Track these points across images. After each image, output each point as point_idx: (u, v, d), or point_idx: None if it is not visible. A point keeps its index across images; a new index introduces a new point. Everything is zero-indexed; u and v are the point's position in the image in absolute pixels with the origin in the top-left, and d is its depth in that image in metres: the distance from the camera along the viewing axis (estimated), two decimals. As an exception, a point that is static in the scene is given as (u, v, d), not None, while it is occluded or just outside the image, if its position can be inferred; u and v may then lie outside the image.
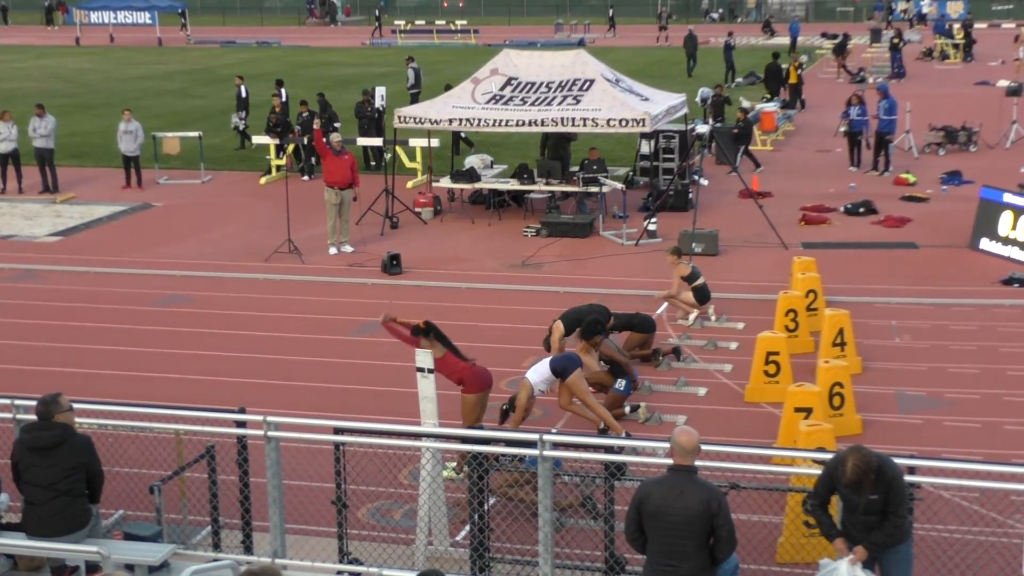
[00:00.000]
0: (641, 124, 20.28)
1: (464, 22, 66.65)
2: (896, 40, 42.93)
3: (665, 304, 15.67)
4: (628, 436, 10.94)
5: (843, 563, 7.44)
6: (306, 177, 25.51)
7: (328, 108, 26.80)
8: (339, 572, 8.68)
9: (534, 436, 8.22)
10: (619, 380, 12.29)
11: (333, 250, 19.44)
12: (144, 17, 72.79)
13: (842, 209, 21.48)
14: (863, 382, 13.00)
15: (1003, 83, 36.31)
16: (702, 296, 15.37)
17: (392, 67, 49.45)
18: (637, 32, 67.08)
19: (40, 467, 8.31)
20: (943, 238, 19.44)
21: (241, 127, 28.82)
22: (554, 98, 21.17)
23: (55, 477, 8.29)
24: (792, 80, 34.28)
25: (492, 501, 9.06)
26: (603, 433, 11.37)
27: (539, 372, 11.55)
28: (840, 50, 43.70)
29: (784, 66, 34.56)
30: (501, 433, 9.24)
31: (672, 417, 12.29)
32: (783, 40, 53.31)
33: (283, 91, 27.65)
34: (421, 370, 8.94)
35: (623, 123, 20.29)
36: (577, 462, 9.47)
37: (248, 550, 8.98)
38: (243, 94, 29.36)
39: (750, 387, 12.89)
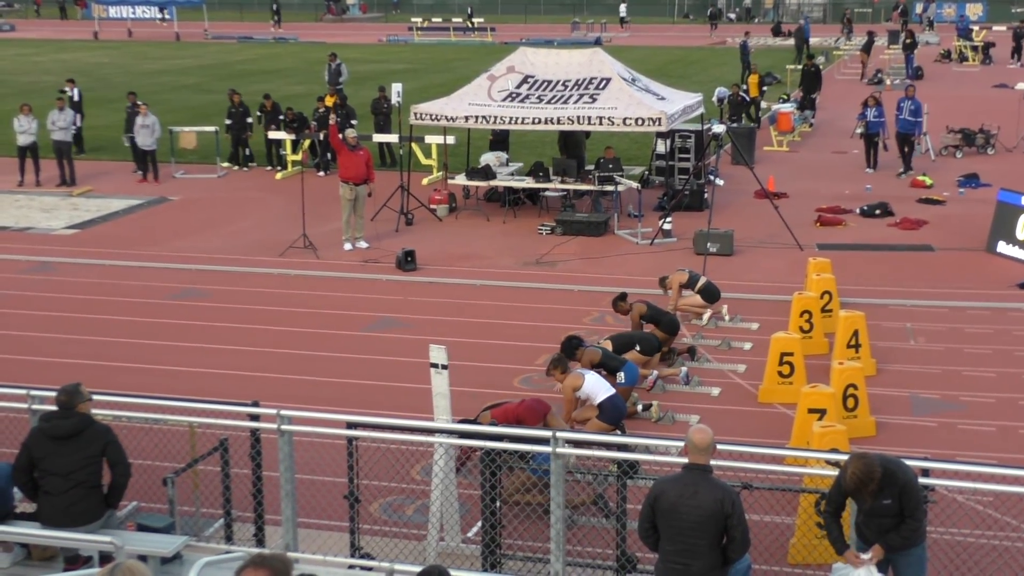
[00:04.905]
0: (657, 123, 20.25)
1: (481, 20, 66.65)
2: (908, 41, 42.83)
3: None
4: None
5: (860, 572, 7.43)
6: (321, 173, 25.55)
7: (346, 104, 26.85)
8: (351, 566, 8.68)
9: (547, 433, 8.22)
10: (618, 374, 12.29)
11: (348, 246, 19.47)
12: (162, 12, 73.05)
13: (858, 211, 21.41)
14: (877, 384, 12.96)
15: (1021, 86, 36.08)
16: (710, 295, 15.35)
17: (409, 64, 49.52)
18: (652, 31, 67.01)
19: (59, 455, 8.34)
20: (959, 241, 19.36)
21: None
22: (570, 96, 21.15)
23: (73, 466, 8.32)
24: (753, 93, 31.20)
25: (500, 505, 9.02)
26: None
27: (595, 387, 11.49)
28: (867, 48, 43.65)
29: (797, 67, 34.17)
30: (515, 430, 9.23)
31: (685, 417, 12.27)
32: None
33: (75, 90, 27.79)
34: (435, 366, 8.92)
35: (639, 122, 20.26)
36: (590, 460, 9.47)
37: (260, 543, 8.99)
38: (76, 97, 28.00)
39: (764, 387, 12.86)
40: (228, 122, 26.68)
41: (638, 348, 13.31)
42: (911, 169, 24.53)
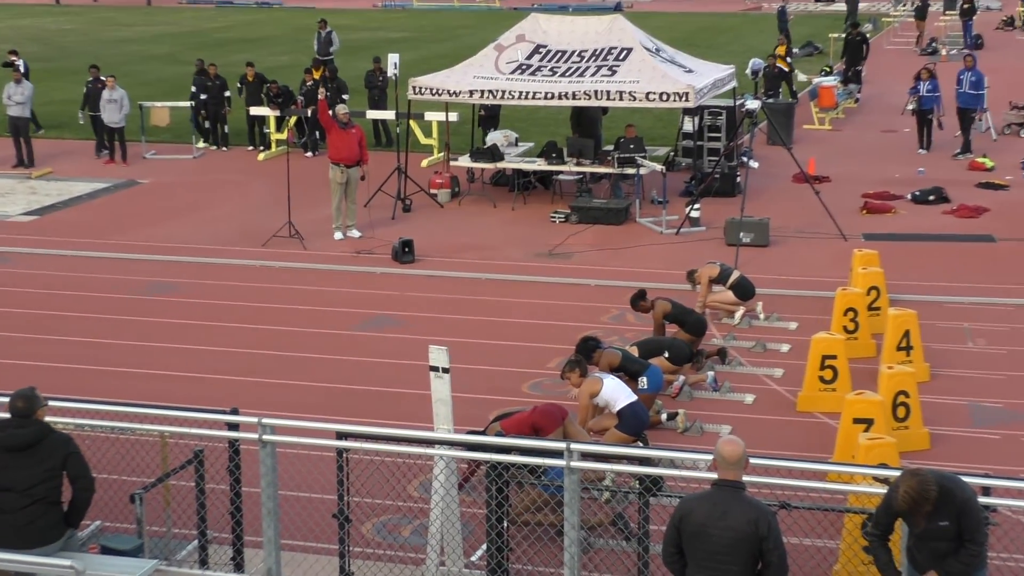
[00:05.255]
0: (684, 99, 20.20)
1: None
2: (966, 6, 42.74)
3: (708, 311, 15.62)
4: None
5: None
6: (309, 153, 25.57)
7: (336, 77, 26.83)
8: (340, 594, 8.67)
9: (560, 445, 8.18)
10: (640, 379, 12.27)
11: (338, 235, 19.47)
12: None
13: (909, 196, 21.38)
14: (931, 391, 12.91)
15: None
16: (743, 291, 15.32)
17: (407, 32, 49.54)
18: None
19: (14, 469, 8.28)
20: None
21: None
22: (587, 68, 21.13)
23: (32, 480, 8.28)
24: (782, 64, 29.98)
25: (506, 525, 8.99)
26: None
27: (615, 393, 11.54)
28: (922, 14, 43.57)
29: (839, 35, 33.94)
30: (523, 441, 9.18)
31: (715, 427, 12.24)
32: (841, 7, 53.07)
33: (21, 61, 27.70)
34: (435, 369, 8.89)
35: (664, 97, 20.22)
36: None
37: (239, 567, 8.99)
38: (21, 69, 27.29)
39: (803, 395, 12.83)
40: (203, 97, 26.54)
41: (667, 355, 13.29)
42: (970, 150, 24.45)
